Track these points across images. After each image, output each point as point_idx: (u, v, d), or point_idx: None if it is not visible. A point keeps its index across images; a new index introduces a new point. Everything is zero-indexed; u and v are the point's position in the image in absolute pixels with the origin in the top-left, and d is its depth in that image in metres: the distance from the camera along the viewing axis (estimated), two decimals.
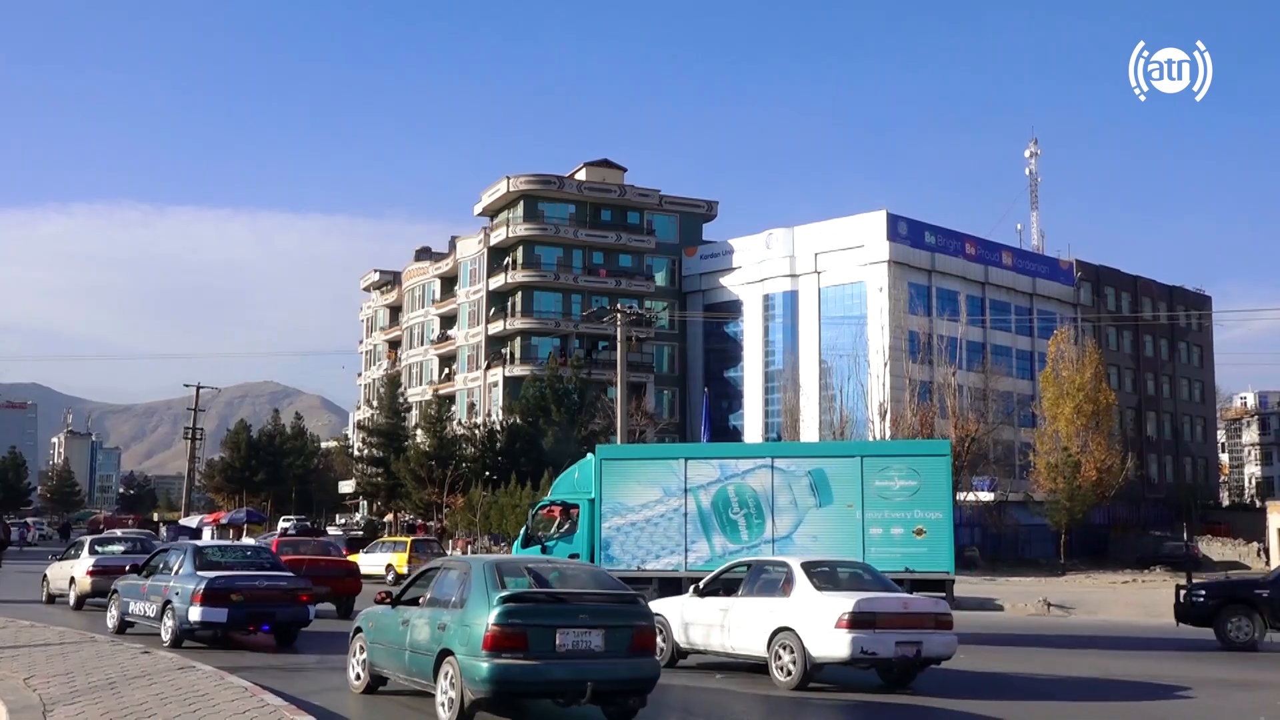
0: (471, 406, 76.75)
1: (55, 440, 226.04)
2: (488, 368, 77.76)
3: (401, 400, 78.10)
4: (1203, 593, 22.11)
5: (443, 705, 10.36)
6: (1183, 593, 22.30)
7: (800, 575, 14.41)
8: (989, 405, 66.35)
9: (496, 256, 79.09)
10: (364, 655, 12.40)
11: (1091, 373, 60.81)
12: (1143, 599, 36.36)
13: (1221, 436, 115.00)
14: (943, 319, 71.77)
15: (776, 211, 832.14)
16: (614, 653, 10.44)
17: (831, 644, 13.49)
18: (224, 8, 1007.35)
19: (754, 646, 14.47)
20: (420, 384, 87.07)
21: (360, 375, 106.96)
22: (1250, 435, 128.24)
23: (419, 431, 70.47)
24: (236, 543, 25.04)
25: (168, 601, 16.63)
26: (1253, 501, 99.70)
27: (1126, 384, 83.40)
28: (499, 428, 64.78)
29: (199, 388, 75.24)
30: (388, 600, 12.35)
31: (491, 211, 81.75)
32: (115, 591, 18.92)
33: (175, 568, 17.33)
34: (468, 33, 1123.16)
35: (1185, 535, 62.61)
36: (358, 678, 12.53)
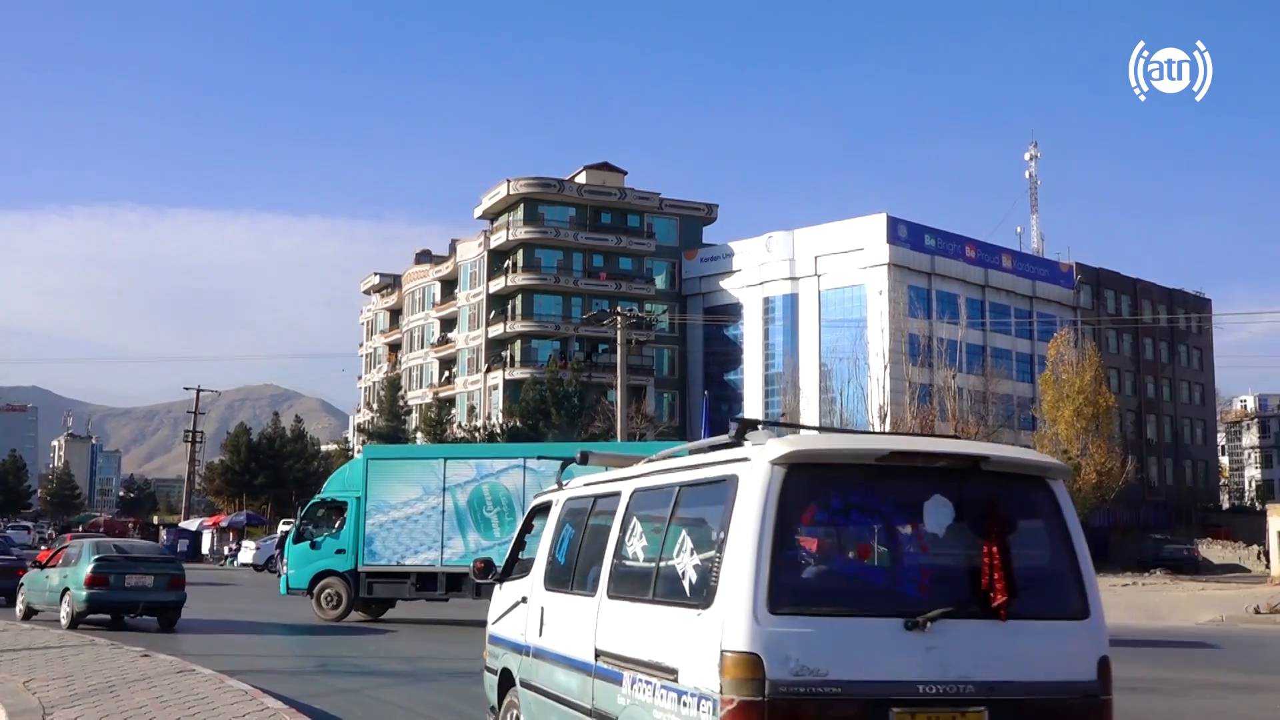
0: (472, 409, 76.73)
1: (55, 443, 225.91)
2: (488, 370, 77.75)
3: (402, 403, 78.07)
4: None
5: (64, 615, 19.51)
6: None
7: None
8: (989, 408, 66.30)
9: (497, 259, 79.10)
10: (23, 596, 21.79)
11: (1091, 376, 60.75)
12: (1143, 602, 36.36)
13: (1221, 439, 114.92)
14: (943, 322, 71.71)
15: (776, 214, 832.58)
16: (159, 588, 20.03)
17: None
18: (224, 10, 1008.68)
19: None
20: (420, 387, 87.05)
21: (360, 378, 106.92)
22: (1250, 438, 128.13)
23: (419, 434, 70.43)
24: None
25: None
26: (1253, 504, 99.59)
27: (1126, 387, 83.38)
28: (499, 430, 64.77)
29: (199, 391, 75.26)
30: (38, 566, 22.32)
31: (492, 214, 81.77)
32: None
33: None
34: (469, 36, 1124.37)
35: (1186, 538, 62.66)
36: (21, 611, 21.40)
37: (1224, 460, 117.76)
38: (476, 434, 65.80)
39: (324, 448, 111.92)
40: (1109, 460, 59.60)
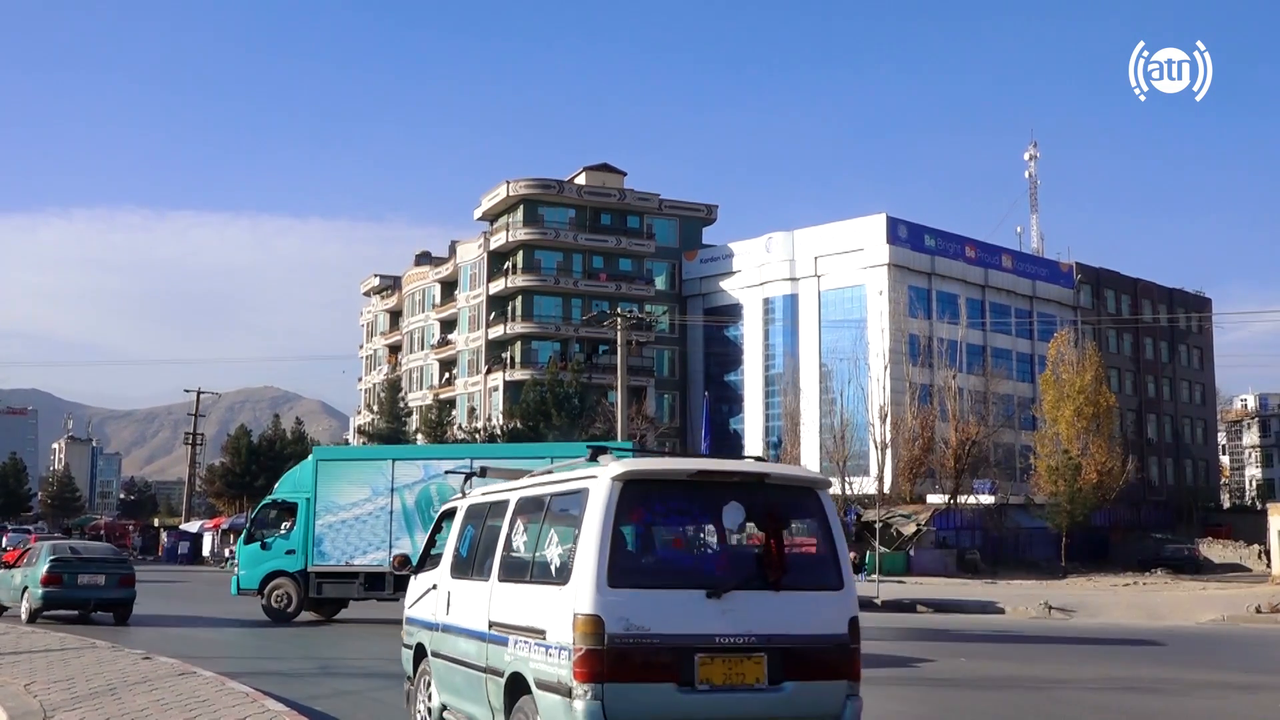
0: (472, 411, 76.72)
1: (56, 446, 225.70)
2: (488, 372, 77.75)
3: (402, 405, 78.02)
4: None
5: (24, 611, 21.37)
6: None
7: None
8: (989, 408, 66.42)
9: (496, 261, 79.11)
10: None
11: (1092, 375, 60.79)
12: (1144, 601, 36.39)
13: (1222, 439, 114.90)
14: (943, 322, 71.81)
15: (776, 215, 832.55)
16: (110, 586, 21.56)
17: None
18: (224, 12, 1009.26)
19: None
20: (421, 389, 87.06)
21: (360, 380, 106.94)
22: (1251, 437, 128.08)
23: (419, 436, 70.40)
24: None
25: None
26: (1253, 503, 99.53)
27: (1127, 386, 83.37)
28: (499, 432, 64.74)
29: (199, 393, 75.15)
30: (5, 566, 24.09)
31: (491, 216, 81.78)
32: None
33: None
34: (468, 37, 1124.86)
35: (1186, 538, 62.58)
36: None
37: (1224, 459, 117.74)
38: (477, 435, 65.77)
39: None
40: (1109, 460, 59.64)
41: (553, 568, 7.12)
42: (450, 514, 9.57)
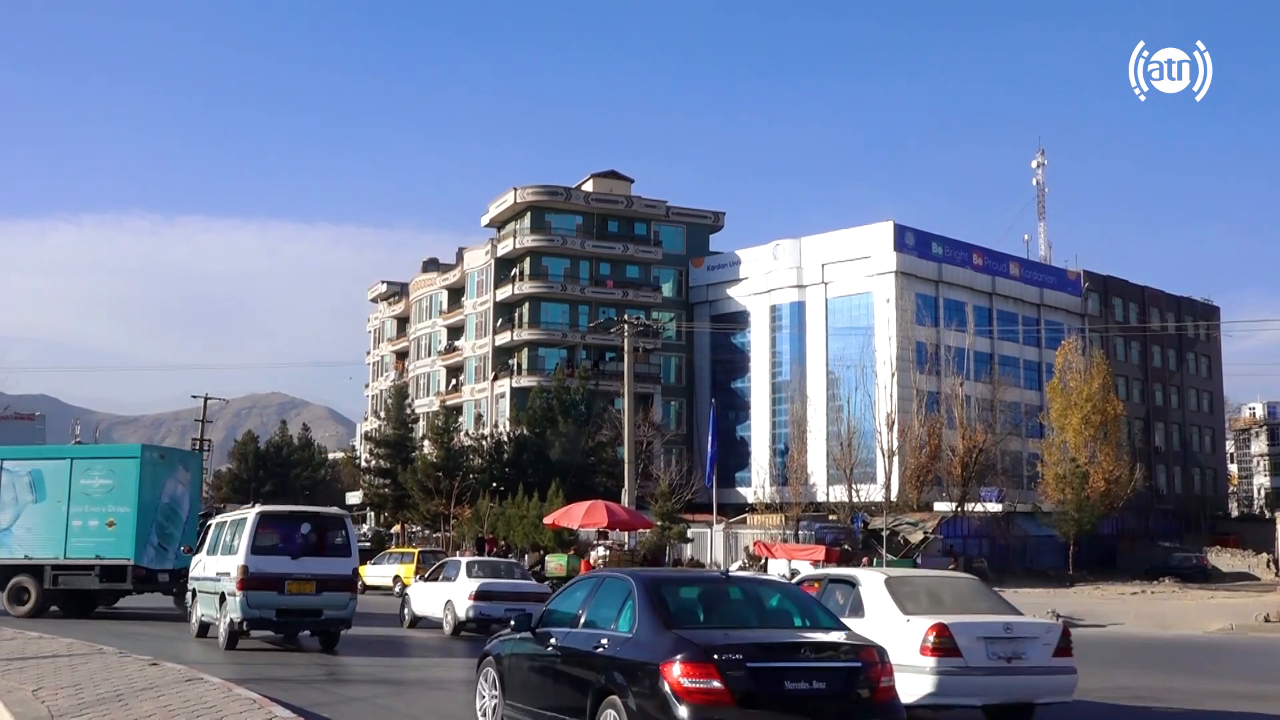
0: (479, 417, 76.72)
1: None
2: (495, 379, 77.82)
3: (409, 411, 78.09)
4: None
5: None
6: None
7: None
8: (996, 416, 66.34)
9: (504, 267, 79.20)
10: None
11: (1099, 383, 60.71)
12: (1152, 610, 36.27)
13: (1230, 447, 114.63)
14: (950, 329, 71.75)
15: (783, 222, 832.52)
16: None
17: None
18: (233, 17, 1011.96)
19: None
20: (427, 395, 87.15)
21: (368, 386, 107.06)
22: (1259, 446, 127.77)
23: (426, 443, 70.41)
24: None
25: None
26: (1262, 512, 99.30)
27: (1134, 394, 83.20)
28: (506, 439, 64.75)
29: (206, 399, 75.20)
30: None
31: (499, 223, 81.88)
32: None
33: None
34: (476, 43, 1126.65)
35: (1194, 546, 62.41)
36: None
37: (1233, 468, 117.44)
38: (484, 442, 65.83)
39: (331, 456, 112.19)
40: (1117, 468, 59.55)
41: (233, 544, 18.26)
42: (214, 522, 20.79)
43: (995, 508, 60.62)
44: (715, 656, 7.86)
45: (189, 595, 21.00)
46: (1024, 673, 11.35)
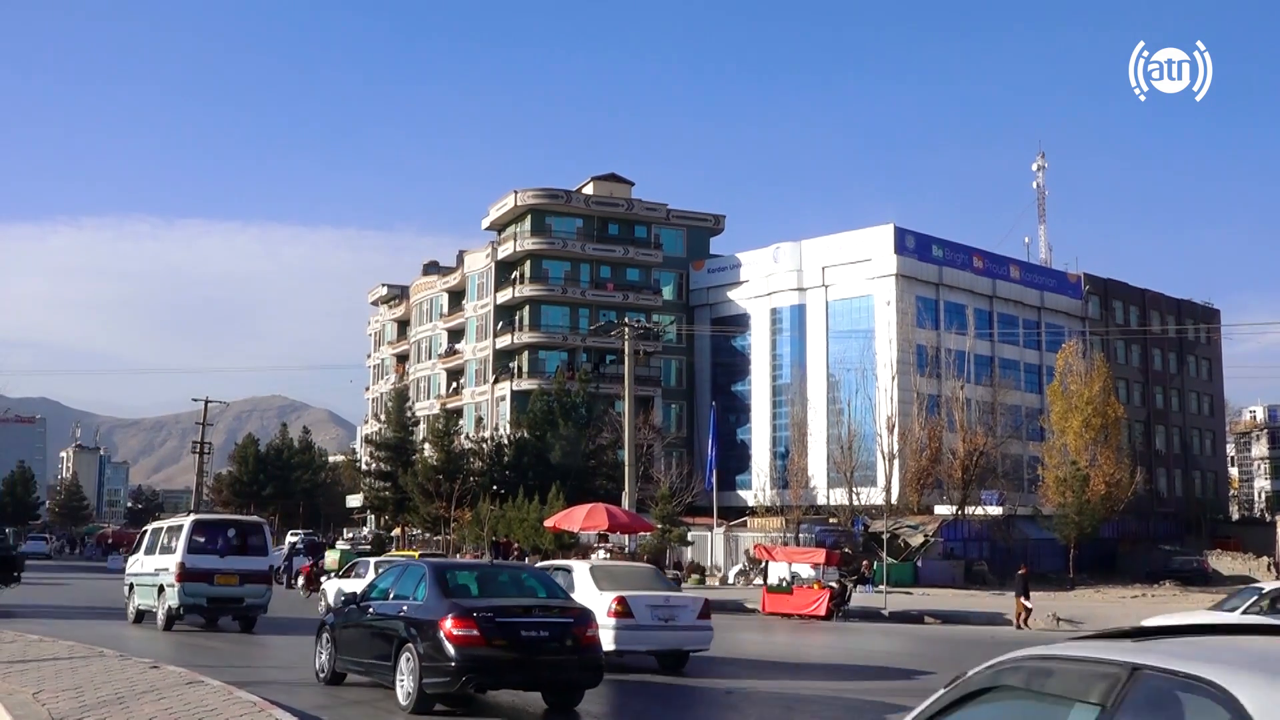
0: (479, 420, 76.76)
1: (64, 454, 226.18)
2: (495, 382, 77.82)
3: (409, 414, 78.12)
4: None
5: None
6: None
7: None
8: (997, 419, 66.29)
9: (504, 270, 79.23)
10: None
11: (1100, 386, 60.65)
12: (1153, 613, 36.17)
13: (1231, 450, 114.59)
14: (950, 332, 71.75)
15: (784, 225, 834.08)
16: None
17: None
18: (234, 20, 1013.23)
19: None
20: (428, 398, 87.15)
21: (368, 389, 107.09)
22: (1260, 449, 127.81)
23: (427, 445, 70.42)
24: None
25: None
26: (1263, 516, 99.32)
27: (1135, 397, 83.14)
28: (506, 442, 64.75)
29: (207, 402, 75.21)
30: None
31: (499, 225, 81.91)
32: None
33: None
34: (477, 46, 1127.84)
35: (1195, 549, 62.34)
36: None
37: (1233, 471, 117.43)
38: (484, 445, 65.84)
39: (332, 459, 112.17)
40: (1118, 471, 59.46)
41: (171, 548, 22.38)
42: (146, 530, 25.38)
43: (996, 511, 60.57)
44: (474, 614, 11.87)
45: (125, 588, 24.98)
46: (677, 629, 16.89)
